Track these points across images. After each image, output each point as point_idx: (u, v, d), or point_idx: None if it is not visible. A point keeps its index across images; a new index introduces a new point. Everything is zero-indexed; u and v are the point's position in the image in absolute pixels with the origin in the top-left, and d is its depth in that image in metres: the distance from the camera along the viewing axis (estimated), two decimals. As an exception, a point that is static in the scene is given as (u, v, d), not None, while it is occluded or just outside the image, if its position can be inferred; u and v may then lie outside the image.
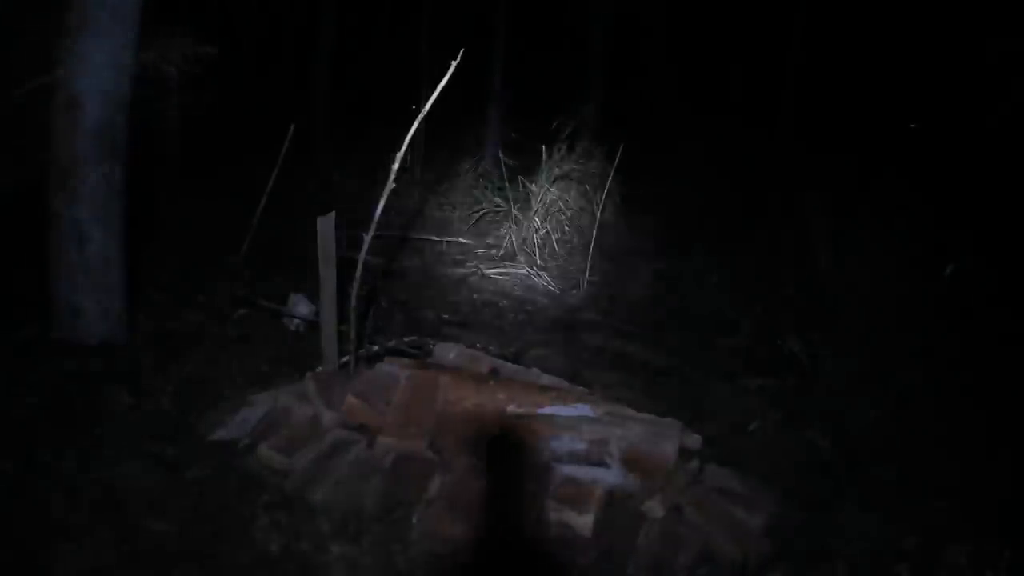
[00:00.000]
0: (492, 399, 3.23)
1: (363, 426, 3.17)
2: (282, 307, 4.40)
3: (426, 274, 5.70)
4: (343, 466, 2.95)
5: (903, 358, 3.78)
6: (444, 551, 2.60)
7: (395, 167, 3.27)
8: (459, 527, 2.68)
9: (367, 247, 3.39)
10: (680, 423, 3.27)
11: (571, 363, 4.20)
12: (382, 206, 3.33)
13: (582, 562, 2.60)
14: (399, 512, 2.76)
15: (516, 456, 3.00)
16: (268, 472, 2.95)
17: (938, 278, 4.19)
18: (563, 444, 3.06)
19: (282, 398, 3.35)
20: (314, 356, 3.61)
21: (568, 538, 2.69)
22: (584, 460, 3.00)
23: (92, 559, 2.43)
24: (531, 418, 3.17)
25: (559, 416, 3.19)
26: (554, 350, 4.36)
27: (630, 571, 2.59)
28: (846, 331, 3.90)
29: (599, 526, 2.72)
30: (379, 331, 4.26)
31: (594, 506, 2.76)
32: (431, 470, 2.94)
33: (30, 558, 2.42)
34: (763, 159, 9.58)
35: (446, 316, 4.90)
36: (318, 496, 2.80)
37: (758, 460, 3.29)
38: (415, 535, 2.67)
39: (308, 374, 3.48)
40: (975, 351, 4.30)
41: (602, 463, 2.98)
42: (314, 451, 3.02)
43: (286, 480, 2.90)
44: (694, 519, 2.79)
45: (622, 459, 2.99)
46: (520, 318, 5.00)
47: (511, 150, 7.42)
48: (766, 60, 12.43)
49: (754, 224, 6.44)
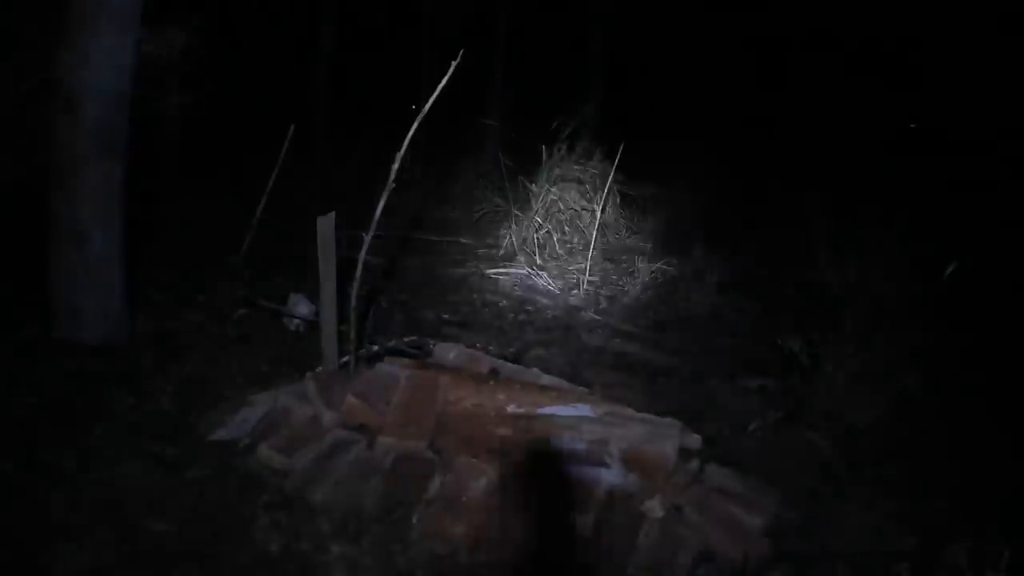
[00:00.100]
0: (492, 399, 3.24)
1: (363, 426, 3.17)
2: (282, 307, 4.40)
3: (426, 274, 5.70)
4: (343, 466, 2.95)
5: (903, 358, 3.77)
6: (444, 551, 2.60)
7: (395, 167, 3.28)
8: (459, 527, 2.68)
9: (367, 247, 3.40)
10: (680, 423, 3.27)
11: (571, 363, 4.20)
12: (382, 206, 3.34)
13: (582, 562, 2.60)
14: (399, 512, 2.76)
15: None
16: (268, 472, 2.96)
17: (938, 278, 4.18)
18: (563, 444, 3.06)
19: (282, 398, 3.35)
20: (314, 356, 3.61)
21: (568, 538, 2.69)
22: (584, 460, 3.01)
23: (92, 559, 2.43)
24: (531, 418, 3.17)
25: (559, 416, 3.19)
26: (554, 350, 4.36)
27: (630, 571, 2.59)
28: (846, 331, 3.89)
29: (599, 526, 2.72)
30: (379, 331, 4.26)
31: (594, 506, 2.77)
32: (431, 470, 2.94)
33: (30, 558, 2.42)
34: (763, 159, 9.59)
35: (446, 316, 4.90)
36: (318, 496, 2.81)
37: (758, 460, 3.29)
38: (415, 535, 2.67)
39: (308, 374, 3.49)
40: (975, 351, 4.30)
41: (602, 463, 2.98)
42: (314, 451, 3.02)
43: (286, 480, 2.91)
44: (694, 519, 2.79)
45: (622, 459, 2.99)
46: (520, 318, 5.00)
47: (511, 150, 7.42)
48: (766, 60, 12.44)
49: (754, 224, 6.44)
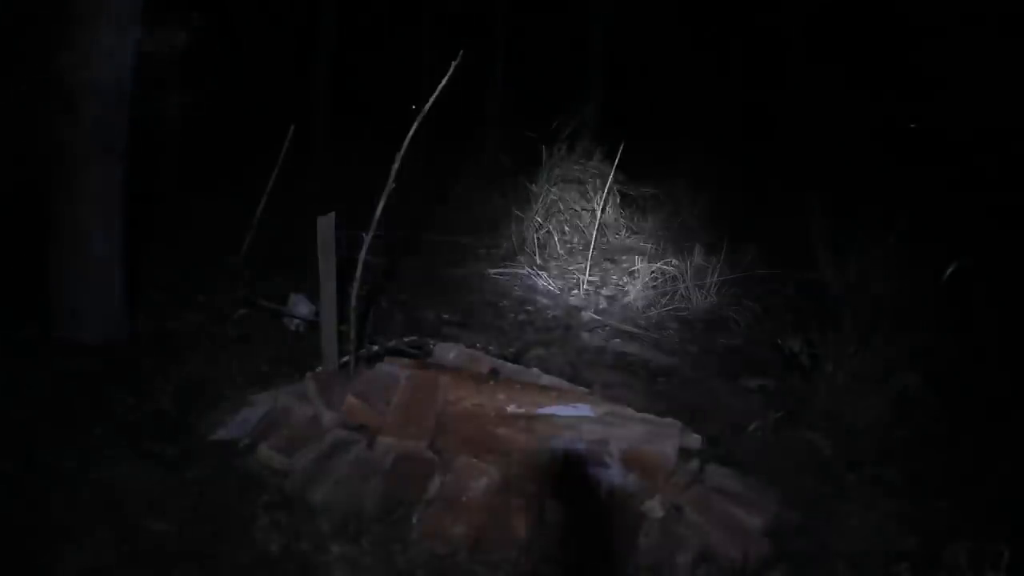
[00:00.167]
0: (492, 399, 3.23)
1: (363, 426, 3.17)
2: (282, 307, 4.40)
3: (426, 274, 5.70)
4: (343, 466, 2.95)
5: (903, 358, 3.77)
6: (444, 551, 2.60)
7: (395, 167, 3.28)
8: (459, 527, 2.68)
9: (367, 247, 3.39)
10: (680, 423, 3.27)
11: (571, 363, 4.20)
12: (382, 206, 3.34)
13: (582, 562, 2.60)
14: (399, 512, 2.76)
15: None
16: (268, 472, 2.96)
17: (938, 278, 4.18)
18: (563, 444, 3.06)
19: (282, 398, 3.35)
20: (314, 356, 3.61)
21: (568, 538, 2.69)
22: (584, 460, 3.00)
23: (92, 559, 2.43)
24: (531, 418, 3.17)
25: (559, 416, 3.19)
26: (554, 350, 4.36)
27: (630, 571, 2.59)
28: (846, 331, 3.89)
29: (599, 526, 2.72)
30: (379, 331, 4.26)
31: (594, 506, 2.76)
32: (431, 470, 2.94)
33: (30, 558, 2.42)
34: (764, 159, 9.59)
35: (446, 316, 4.89)
36: (318, 496, 2.80)
37: (758, 460, 3.29)
38: (415, 535, 2.67)
39: (308, 374, 3.49)
40: (975, 351, 4.29)
41: (602, 463, 2.98)
42: (314, 451, 3.02)
43: (286, 480, 2.91)
44: (694, 519, 2.79)
45: (622, 459, 2.99)
46: (520, 318, 5.00)
47: (511, 150, 7.42)
48: (766, 60, 12.45)
49: (754, 224, 6.44)
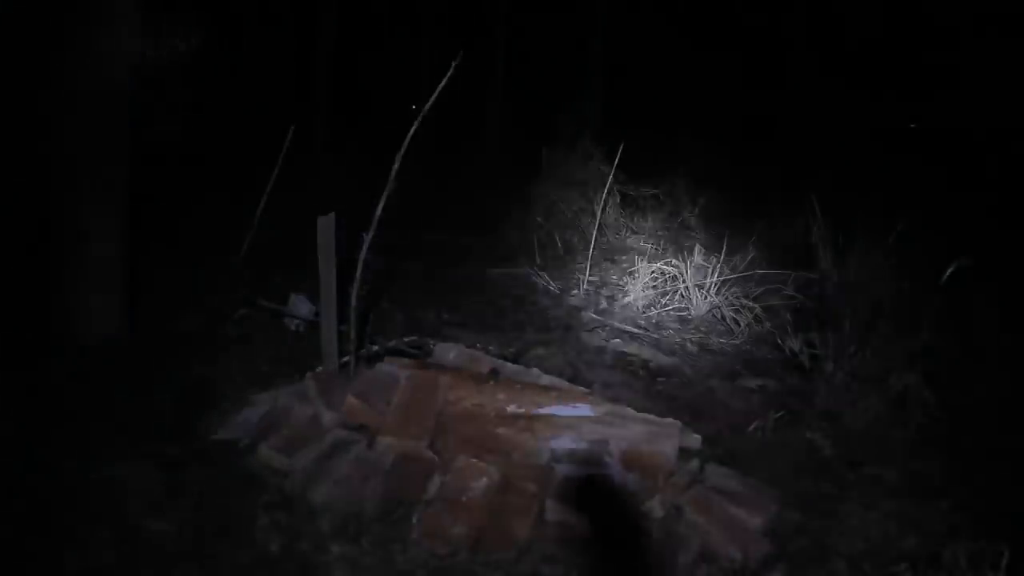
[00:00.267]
0: (492, 399, 3.23)
1: (363, 426, 3.17)
2: (282, 307, 4.41)
3: (426, 274, 5.70)
4: (343, 466, 2.95)
5: (903, 358, 3.77)
6: (444, 551, 2.60)
7: (395, 167, 3.28)
8: (459, 527, 2.68)
9: (367, 247, 3.40)
10: (680, 423, 3.27)
11: (571, 363, 4.20)
12: (382, 206, 3.34)
13: (582, 562, 2.60)
14: (399, 512, 2.76)
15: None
16: (268, 472, 2.96)
17: (938, 278, 4.18)
18: (563, 444, 3.06)
19: (282, 398, 3.35)
20: (314, 356, 3.61)
21: (568, 538, 2.69)
22: (584, 460, 3.01)
23: (92, 559, 2.43)
24: (531, 418, 3.17)
25: (559, 416, 3.19)
26: (554, 350, 4.36)
27: (630, 571, 2.59)
28: (846, 331, 3.89)
29: (599, 526, 2.72)
30: (379, 331, 4.26)
31: (594, 506, 2.76)
32: (431, 470, 2.94)
33: (30, 558, 2.42)
34: (764, 159, 9.59)
35: (446, 316, 4.90)
36: (318, 496, 2.81)
37: (758, 460, 3.29)
38: (415, 535, 2.67)
39: (308, 374, 3.49)
40: (975, 351, 4.29)
41: (602, 463, 2.98)
42: (314, 451, 3.02)
43: (286, 480, 2.91)
44: (694, 519, 2.79)
45: (622, 459, 2.99)
46: (520, 318, 5.00)
47: (511, 150, 7.43)
48: (767, 60, 12.45)
49: (754, 223, 6.44)
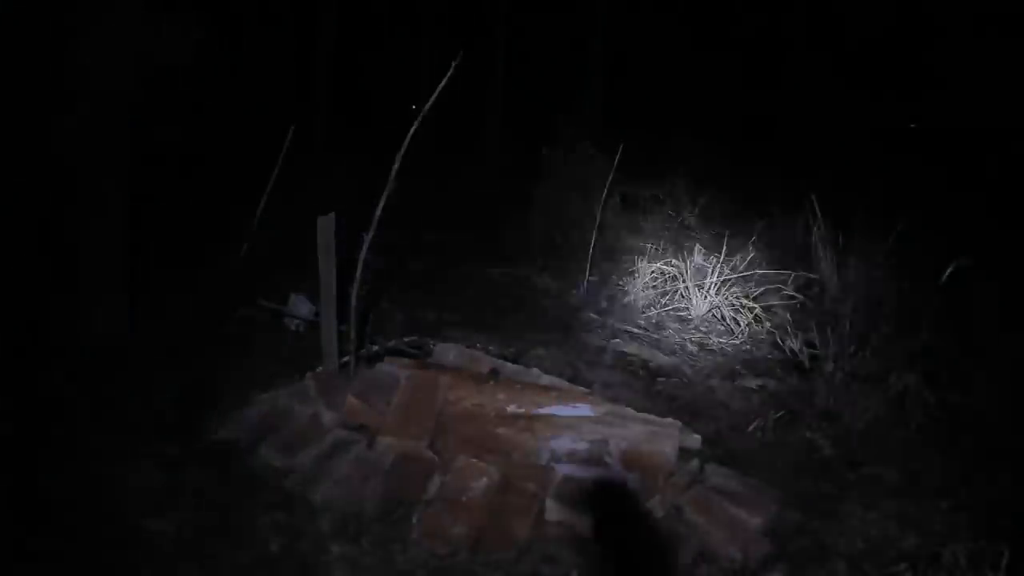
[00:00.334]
0: (492, 399, 3.24)
1: (363, 426, 3.17)
2: (282, 307, 4.41)
3: (426, 274, 5.70)
4: (343, 466, 2.95)
5: (902, 358, 3.78)
6: (444, 551, 2.60)
7: (395, 167, 3.28)
8: (459, 527, 2.68)
9: (367, 247, 3.40)
10: (680, 423, 3.27)
11: (571, 363, 4.20)
12: (382, 206, 3.34)
13: (582, 562, 2.60)
14: (399, 512, 2.76)
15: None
16: (268, 472, 2.96)
17: (938, 278, 4.19)
18: (563, 444, 3.06)
19: (282, 398, 3.35)
20: (314, 356, 3.61)
21: (568, 538, 2.69)
22: (584, 460, 3.01)
23: (92, 559, 2.43)
24: (531, 418, 3.17)
25: (559, 416, 3.19)
26: (554, 350, 4.36)
27: (630, 571, 2.58)
28: (846, 331, 3.90)
29: (599, 526, 2.72)
30: (379, 331, 4.26)
31: (594, 506, 2.76)
32: (431, 470, 2.94)
33: (30, 559, 2.42)
34: (764, 159, 9.60)
35: (446, 316, 4.90)
36: (318, 496, 2.81)
37: (758, 460, 3.30)
38: (415, 535, 2.67)
39: (308, 374, 3.49)
40: (975, 351, 4.29)
41: (602, 463, 2.98)
42: (314, 451, 3.03)
43: (286, 480, 2.91)
44: (694, 519, 2.79)
45: (622, 459, 3.00)
46: (520, 318, 5.00)
47: (511, 150, 7.43)
48: (767, 60, 12.46)
49: (754, 223, 6.44)
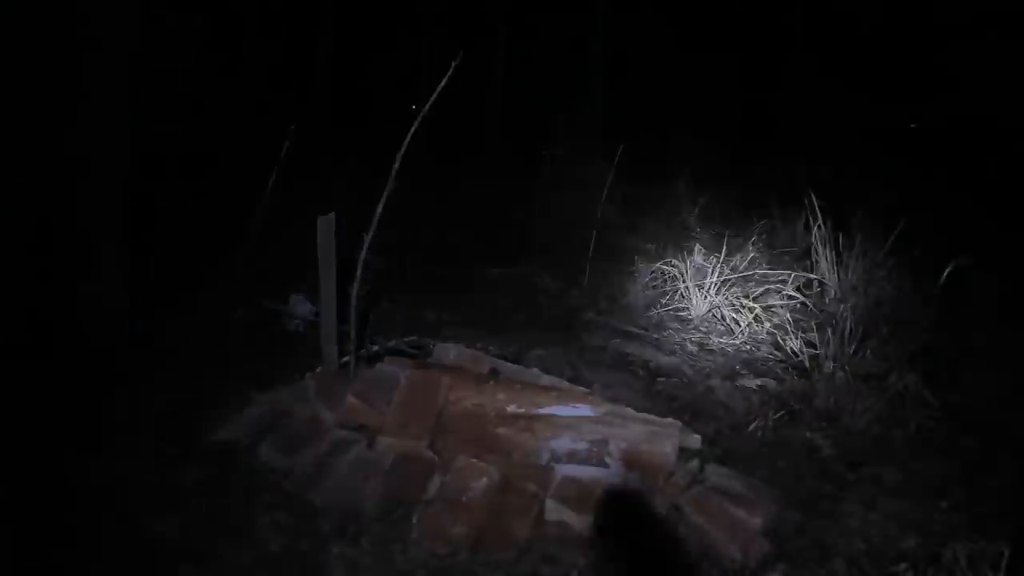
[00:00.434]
0: (492, 399, 3.24)
1: (363, 426, 3.17)
2: (282, 307, 4.41)
3: (426, 274, 5.70)
4: (343, 466, 2.95)
5: (902, 358, 3.78)
6: (444, 551, 2.60)
7: (395, 167, 3.28)
8: (459, 527, 2.68)
9: (367, 247, 3.40)
10: (680, 423, 3.27)
11: (571, 363, 4.20)
12: (382, 206, 3.34)
13: (582, 562, 2.60)
14: (399, 512, 2.76)
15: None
16: (268, 472, 2.96)
17: (938, 278, 4.19)
18: (563, 444, 3.07)
19: (282, 398, 3.35)
20: (314, 356, 3.61)
21: (568, 538, 2.69)
22: (584, 460, 3.01)
23: (92, 559, 2.43)
24: (531, 418, 3.18)
25: (559, 416, 3.19)
26: (554, 350, 4.36)
27: (630, 571, 2.58)
28: (846, 331, 3.90)
29: (599, 526, 2.72)
30: (379, 331, 4.26)
31: (594, 506, 2.77)
32: (431, 470, 2.94)
33: (31, 559, 2.42)
34: (763, 158, 9.59)
35: (446, 316, 4.90)
36: (318, 496, 2.81)
37: (758, 460, 3.29)
38: (415, 535, 2.67)
39: (308, 374, 3.49)
40: (975, 351, 4.29)
41: (602, 463, 2.98)
42: (314, 451, 3.03)
43: (286, 480, 2.91)
44: (694, 519, 2.79)
45: (622, 459, 3.00)
46: (520, 318, 5.00)
47: (511, 150, 7.43)
48: (767, 59, 12.46)
49: (754, 223, 6.44)
